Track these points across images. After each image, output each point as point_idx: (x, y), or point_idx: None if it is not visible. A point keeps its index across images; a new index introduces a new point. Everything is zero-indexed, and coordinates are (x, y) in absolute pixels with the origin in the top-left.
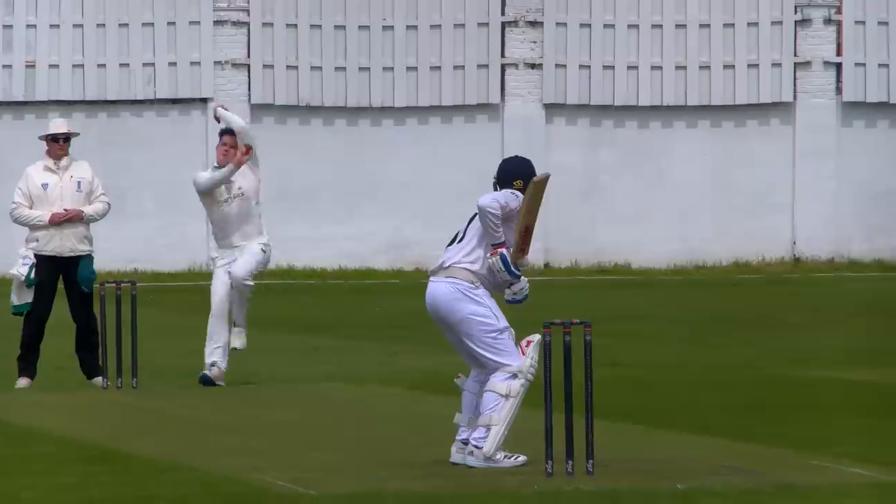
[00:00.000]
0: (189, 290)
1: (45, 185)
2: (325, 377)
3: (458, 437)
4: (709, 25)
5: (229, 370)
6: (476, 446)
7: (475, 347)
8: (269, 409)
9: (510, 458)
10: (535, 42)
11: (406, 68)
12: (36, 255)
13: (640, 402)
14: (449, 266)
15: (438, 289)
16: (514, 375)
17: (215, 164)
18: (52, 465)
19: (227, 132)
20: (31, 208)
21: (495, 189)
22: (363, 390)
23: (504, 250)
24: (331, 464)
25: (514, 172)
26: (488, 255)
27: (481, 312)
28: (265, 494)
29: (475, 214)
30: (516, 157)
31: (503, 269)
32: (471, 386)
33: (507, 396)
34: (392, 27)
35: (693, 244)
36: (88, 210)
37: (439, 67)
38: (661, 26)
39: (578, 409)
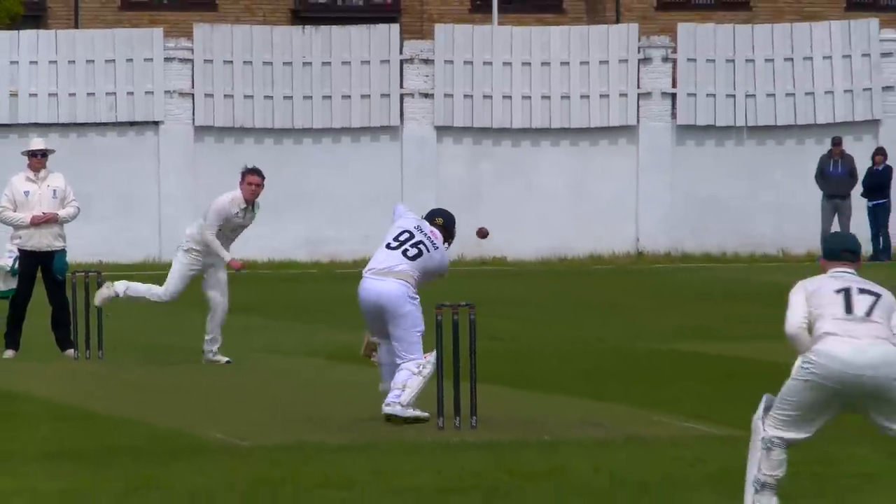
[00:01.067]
0: (143, 278)
1: (26, 193)
2: (256, 350)
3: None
4: (568, 63)
5: (176, 346)
6: (394, 401)
7: (401, 337)
8: (209, 376)
9: (419, 411)
10: (427, 76)
11: (322, 96)
12: (19, 250)
13: (515, 370)
14: (398, 269)
15: (390, 285)
16: (423, 365)
17: (240, 195)
18: (30, 421)
19: (255, 172)
20: (14, 211)
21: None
22: (288, 360)
23: None
24: (261, 420)
25: (438, 217)
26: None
27: (417, 314)
28: (206, 445)
29: (403, 231)
30: (443, 209)
31: None
32: (385, 357)
33: (418, 374)
34: (311, 63)
35: (556, 241)
36: (62, 213)
37: (349, 96)
38: (529, 63)
39: (464, 376)
